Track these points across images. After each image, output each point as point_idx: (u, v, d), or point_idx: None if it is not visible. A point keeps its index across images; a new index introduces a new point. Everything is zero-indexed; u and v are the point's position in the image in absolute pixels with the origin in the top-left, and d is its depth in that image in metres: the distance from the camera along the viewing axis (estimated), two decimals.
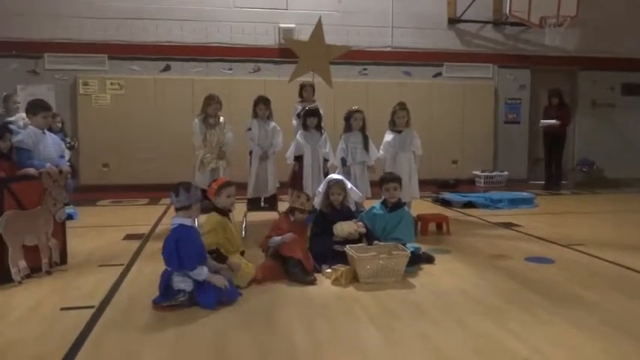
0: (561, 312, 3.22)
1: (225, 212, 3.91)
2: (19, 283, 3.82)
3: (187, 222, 3.48)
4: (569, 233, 5.67)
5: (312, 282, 3.84)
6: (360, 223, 4.39)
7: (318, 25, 6.14)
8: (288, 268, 3.92)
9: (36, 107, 4.53)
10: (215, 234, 3.77)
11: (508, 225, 6.14)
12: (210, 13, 9.52)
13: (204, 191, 4.12)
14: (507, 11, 9.26)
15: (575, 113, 10.77)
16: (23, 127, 4.56)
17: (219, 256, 3.73)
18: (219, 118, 5.84)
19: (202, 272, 3.39)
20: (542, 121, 9.62)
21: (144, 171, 9.10)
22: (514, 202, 7.52)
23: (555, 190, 9.45)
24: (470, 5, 10.03)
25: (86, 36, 9.16)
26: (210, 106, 5.77)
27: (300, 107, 6.37)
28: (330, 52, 6.35)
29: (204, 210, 4.00)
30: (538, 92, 10.91)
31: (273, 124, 5.96)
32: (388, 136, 5.76)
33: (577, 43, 10.69)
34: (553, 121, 9.33)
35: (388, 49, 10.18)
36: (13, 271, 3.83)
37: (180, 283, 3.36)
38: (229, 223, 3.92)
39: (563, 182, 9.96)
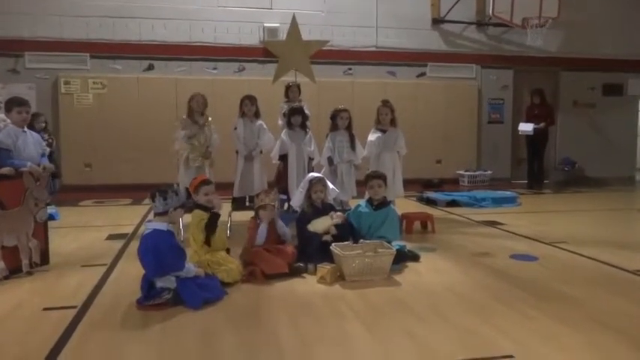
0: (546, 308, 3.25)
1: (207, 209, 3.89)
2: None
3: (162, 227, 3.41)
4: (552, 231, 5.73)
5: (305, 269, 3.99)
6: (339, 214, 4.40)
7: (293, 24, 6.17)
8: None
9: (10, 103, 4.40)
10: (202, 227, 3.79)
11: (492, 223, 6.19)
12: (194, 12, 9.46)
13: (188, 189, 4.10)
14: (490, 12, 9.37)
15: (557, 113, 10.90)
16: (3, 128, 4.47)
17: (213, 217, 3.79)
18: (207, 118, 5.79)
19: (190, 268, 3.42)
20: (521, 125, 9.65)
21: (127, 171, 9.02)
22: (497, 201, 7.58)
23: (538, 189, 9.55)
24: (453, 6, 10.11)
25: (67, 34, 9.05)
26: (193, 100, 5.72)
27: (286, 107, 6.35)
28: (309, 47, 6.36)
29: (189, 209, 3.98)
30: (521, 92, 11.04)
31: (259, 122, 5.93)
32: (372, 136, 5.76)
33: (559, 43, 10.84)
34: (530, 131, 9.38)
35: (372, 49, 10.22)
36: None
37: (163, 281, 3.33)
38: None
39: (545, 181, 10.08)
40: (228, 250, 4.00)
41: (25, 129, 4.48)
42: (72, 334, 2.87)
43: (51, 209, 5.73)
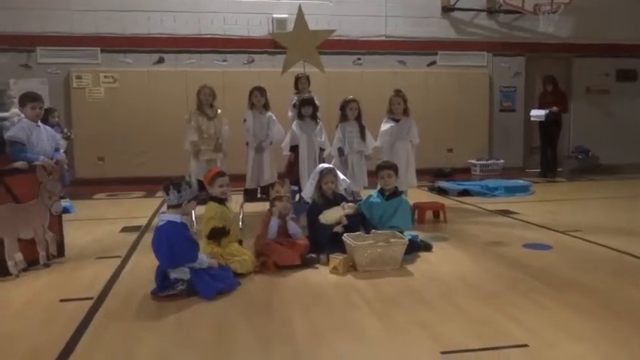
0: (560, 297, 3.23)
1: (221, 201, 3.91)
2: (17, 276, 3.81)
3: (176, 218, 3.44)
4: (566, 220, 5.68)
5: (317, 260, 3.99)
6: (350, 204, 4.41)
7: (300, 14, 6.15)
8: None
9: (24, 99, 4.46)
10: (216, 221, 3.80)
11: (505, 212, 6.16)
12: (202, 4, 9.46)
13: (200, 181, 4.12)
14: None
15: (570, 100, 10.77)
16: (17, 122, 4.52)
17: (222, 230, 3.80)
18: (216, 110, 5.81)
19: (204, 259, 3.45)
20: (533, 111, 9.56)
21: (139, 164, 9.10)
22: (510, 190, 7.52)
23: (551, 177, 9.47)
24: None
25: (77, 29, 9.09)
26: (201, 92, 5.74)
27: (295, 98, 6.34)
28: (317, 37, 6.32)
29: (202, 202, 4.00)
30: (533, 79, 10.91)
31: (269, 114, 5.94)
32: (385, 125, 5.74)
33: (571, 29, 10.67)
34: (542, 116, 9.28)
35: (382, 38, 10.15)
36: (9, 264, 3.81)
37: (177, 272, 3.36)
38: (227, 211, 3.93)
39: (558, 169, 9.98)
40: (240, 242, 4.03)
41: (39, 123, 4.53)
42: (88, 324, 2.91)
43: (65, 202, 5.78)
